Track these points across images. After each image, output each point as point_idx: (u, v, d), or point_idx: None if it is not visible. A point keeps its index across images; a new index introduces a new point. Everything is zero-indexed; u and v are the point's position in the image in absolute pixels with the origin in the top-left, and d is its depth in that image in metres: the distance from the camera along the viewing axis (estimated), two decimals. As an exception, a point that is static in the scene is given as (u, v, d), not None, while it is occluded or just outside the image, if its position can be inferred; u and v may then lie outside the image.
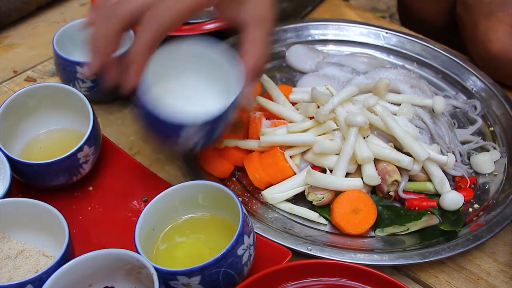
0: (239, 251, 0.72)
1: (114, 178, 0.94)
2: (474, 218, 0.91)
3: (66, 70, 1.01)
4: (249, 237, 0.74)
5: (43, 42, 1.22)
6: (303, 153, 0.94)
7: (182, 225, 0.81)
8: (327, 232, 0.90)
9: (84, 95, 0.95)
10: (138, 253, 0.71)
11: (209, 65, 0.86)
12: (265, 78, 1.03)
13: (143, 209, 0.76)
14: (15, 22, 1.28)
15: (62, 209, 0.78)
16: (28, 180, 0.88)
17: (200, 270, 0.69)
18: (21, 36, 1.25)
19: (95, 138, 0.89)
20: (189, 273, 0.69)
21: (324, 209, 0.91)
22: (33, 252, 0.79)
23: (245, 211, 0.74)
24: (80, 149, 0.86)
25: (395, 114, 0.96)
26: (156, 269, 0.69)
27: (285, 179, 0.92)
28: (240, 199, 0.77)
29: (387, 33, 1.21)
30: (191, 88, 0.88)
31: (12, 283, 0.69)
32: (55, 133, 0.95)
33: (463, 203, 0.90)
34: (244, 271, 0.75)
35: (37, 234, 0.80)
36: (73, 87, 1.01)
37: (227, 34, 1.17)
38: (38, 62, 1.18)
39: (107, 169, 0.95)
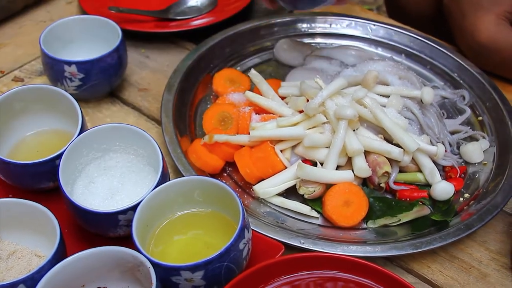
0: (241, 245, 0.73)
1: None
2: (465, 208, 0.91)
3: (54, 69, 1.01)
4: (248, 232, 0.75)
5: (30, 41, 1.22)
6: (294, 147, 0.94)
7: (177, 221, 0.81)
8: (319, 225, 0.90)
9: (73, 93, 0.95)
10: (137, 248, 0.71)
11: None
12: (253, 73, 1.03)
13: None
14: (1, 21, 1.27)
15: (54, 208, 0.77)
16: (16, 181, 0.88)
17: (204, 265, 0.70)
18: (7, 35, 1.24)
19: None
20: (193, 268, 0.70)
21: (316, 202, 0.91)
22: (25, 253, 0.79)
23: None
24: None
25: (384, 106, 0.97)
26: (158, 265, 0.69)
27: (276, 173, 0.92)
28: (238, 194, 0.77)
29: (374, 25, 1.21)
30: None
31: (3, 283, 0.69)
32: (44, 135, 0.95)
33: (454, 193, 0.91)
34: (243, 265, 0.76)
35: (29, 235, 0.80)
36: (61, 86, 1.01)
37: (214, 30, 1.17)
38: (25, 61, 1.17)
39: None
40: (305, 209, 0.91)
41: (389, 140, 0.94)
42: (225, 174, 0.97)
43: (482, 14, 1.11)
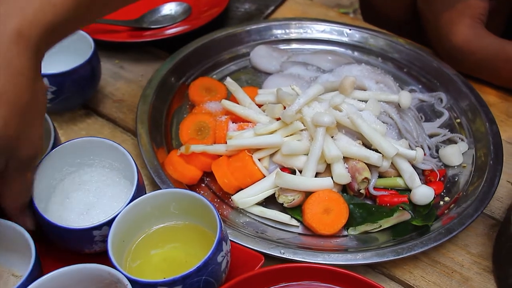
0: (219, 258, 0.72)
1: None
2: (446, 211, 0.91)
3: (26, 82, 0.98)
4: (226, 244, 0.74)
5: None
6: (272, 155, 0.93)
7: (154, 235, 0.80)
8: (299, 233, 0.89)
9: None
10: (113, 265, 0.69)
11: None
12: (229, 81, 1.02)
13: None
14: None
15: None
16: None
17: (182, 280, 0.68)
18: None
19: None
20: (171, 283, 0.68)
21: (296, 210, 0.90)
22: (2, 273, 0.77)
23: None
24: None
25: (362, 111, 0.96)
26: (135, 281, 0.68)
27: (254, 182, 0.91)
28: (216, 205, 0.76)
29: (350, 29, 1.21)
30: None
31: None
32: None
33: (434, 197, 0.90)
34: (222, 278, 0.74)
35: (4, 254, 0.78)
36: (34, 99, 0.99)
37: (189, 39, 1.16)
38: (-3, 75, 1.15)
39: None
40: (284, 218, 0.90)
41: (367, 145, 0.93)
42: (203, 185, 0.95)
43: (456, 16, 1.11)
